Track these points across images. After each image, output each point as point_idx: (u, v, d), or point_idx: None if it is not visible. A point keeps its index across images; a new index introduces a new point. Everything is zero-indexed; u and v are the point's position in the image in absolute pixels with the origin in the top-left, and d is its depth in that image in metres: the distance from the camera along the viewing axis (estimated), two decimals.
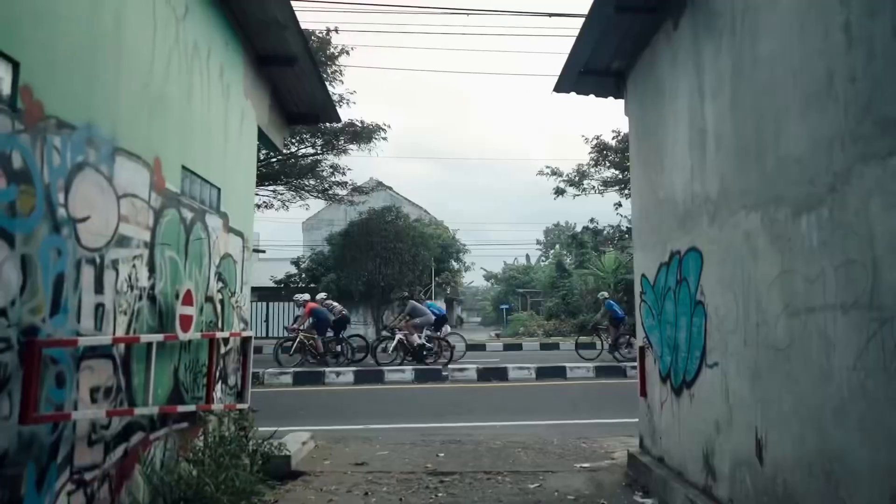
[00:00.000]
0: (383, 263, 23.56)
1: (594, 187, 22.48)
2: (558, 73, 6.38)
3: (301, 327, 14.66)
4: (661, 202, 5.13)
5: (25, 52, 2.59)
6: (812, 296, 2.93)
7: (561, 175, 22.61)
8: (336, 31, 18.09)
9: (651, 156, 5.41)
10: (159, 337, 3.69)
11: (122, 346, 3.38)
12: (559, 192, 22.41)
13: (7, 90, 2.52)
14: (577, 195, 23.02)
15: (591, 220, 24.26)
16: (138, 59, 3.59)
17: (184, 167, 4.25)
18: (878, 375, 2.47)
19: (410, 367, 13.52)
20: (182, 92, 4.20)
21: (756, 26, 3.47)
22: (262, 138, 6.37)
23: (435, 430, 7.94)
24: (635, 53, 5.73)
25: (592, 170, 22.10)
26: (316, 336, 14.56)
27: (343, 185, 21.67)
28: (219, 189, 4.94)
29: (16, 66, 2.55)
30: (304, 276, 28.68)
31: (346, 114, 20.64)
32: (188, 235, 4.30)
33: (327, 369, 13.07)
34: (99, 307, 3.16)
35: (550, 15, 10.95)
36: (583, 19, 5.35)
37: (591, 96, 6.84)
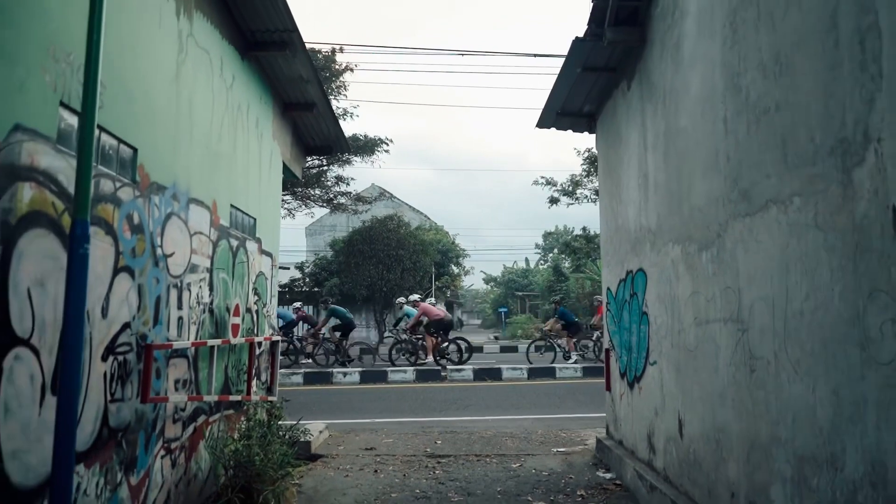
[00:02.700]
0: (385, 269, 24.64)
1: (587, 196, 23.51)
2: (541, 106, 7.43)
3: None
4: (620, 228, 6.18)
5: (140, 139, 3.64)
6: (708, 311, 3.98)
7: (555, 185, 23.66)
8: (341, 50, 19.13)
9: (613, 188, 6.46)
10: (218, 341, 4.75)
11: (192, 347, 4.43)
12: (553, 201, 23.45)
13: (129, 169, 3.57)
14: (571, 204, 24.05)
15: (584, 229, 25.31)
16: (202, 127, 4.65)
17: (231, 205, 5.31)
18: (742, 369, 3.52)
19: (412, 367, 14.56)
20: (230, 145, 5.26)
21: (678, 104, 4.52)
22: (285, 169, 7.42)
23: (434, 423, 8.99)
24: (602, 101, 6.78)
25: (585, 179, 23.12)
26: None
27: (347, 194, 22.72)
28: (255, 219, 6.00)
29: (135, 151, 3.60)
30: (307, 280, 29.77)
31: (349, 127, 21.72)
32: (234, 259, 5.36)
33: (335, 370, 14.11)
34: (180, 319, 4.22)
35: (535, 55, 12.01)
36: (562, 59, 6.37)
37: (570, 131, 7.90)
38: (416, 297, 17.08)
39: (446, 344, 15.53)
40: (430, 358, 15.10)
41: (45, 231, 2.75)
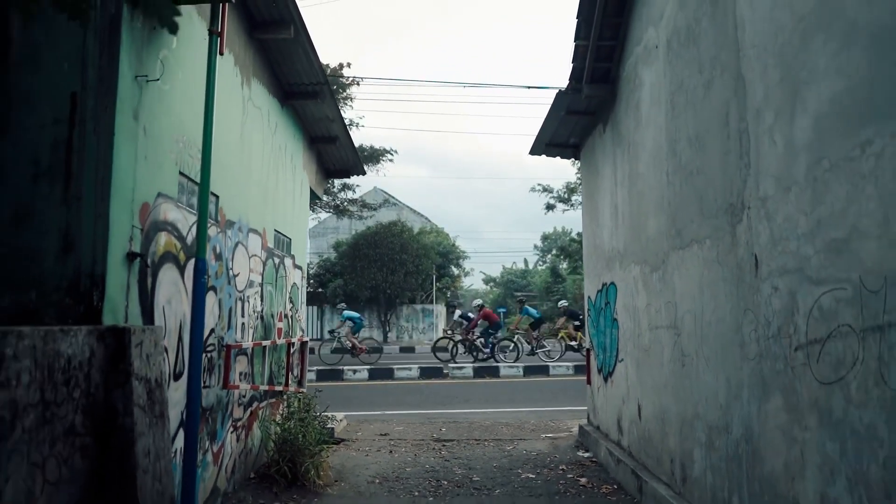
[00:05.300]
0: (389, 272, 25.79)
1: (582, 203, 24.67)
2: (540, 110, 8.56)
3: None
4: (598, 247, 7.31)
5: (220, 188, 4.77)
6: (657, 319, 5.11)
7: (551, 191, 24.82)
8: (349, 65, 20.28)
9: (593, 212, 7.59)
10: (268, 342, 5.88)
11: (252, 347, 5.56)
12: (549, 207, 24.61)
13: (214, 212, 4.70)
14: (567, 210, 25.20)
15: (579, 234, 26.46)
16: (257, 170, 5.77)
17: (275, 230, 6.44)
18: (677, 364, 4.64)
19: (416, 365, 15.68)
20: (273, 180, 6.39)
21: (637, 153, 5.65)
22: (310, 193, 8.55)
23: (438, 414, 10.12)
24: (585, 136, 7.91)
25: (580, 187, 24.25)
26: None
27: (353, 202, 23.86)
28: (290, 239, 7.13)
29: (217, 198, 4.73)
30: (312, 281, 30.91)
31: (355, 136, 22.84)
32: (276, 274, 6.49)
33: (346, 367, 15.24)
34: (243, 324, 5.35)
35: (528, 87, 13.14)
36: (553, 91, 7.49)
37: (558, 158, 9.04)
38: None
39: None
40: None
41: (171, 265, 3.88)
